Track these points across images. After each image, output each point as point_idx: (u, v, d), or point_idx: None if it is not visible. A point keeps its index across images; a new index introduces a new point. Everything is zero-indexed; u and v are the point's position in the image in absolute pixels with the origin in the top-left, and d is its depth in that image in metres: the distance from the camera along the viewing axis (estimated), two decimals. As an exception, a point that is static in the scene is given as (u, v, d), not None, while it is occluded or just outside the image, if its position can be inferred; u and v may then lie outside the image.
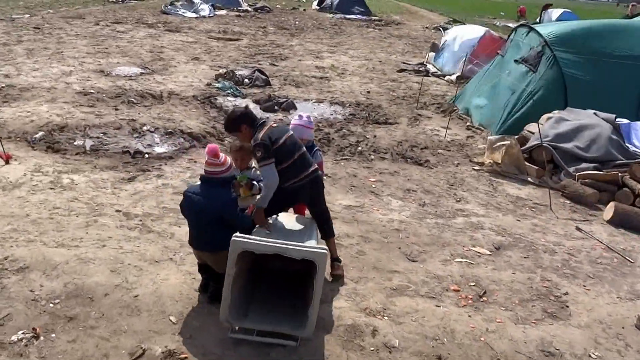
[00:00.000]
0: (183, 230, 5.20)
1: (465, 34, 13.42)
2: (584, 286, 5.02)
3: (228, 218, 3.98)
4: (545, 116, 8.41)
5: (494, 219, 6.33)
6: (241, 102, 9.64)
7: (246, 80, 10.75)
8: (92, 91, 9.18)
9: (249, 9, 22.34)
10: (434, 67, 13.73)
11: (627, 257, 5.70)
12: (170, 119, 8.34)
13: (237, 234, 3.80)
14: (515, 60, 9.47)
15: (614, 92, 8.81)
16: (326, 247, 3.84)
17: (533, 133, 8.24)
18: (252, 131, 4.29)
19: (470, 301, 4.63)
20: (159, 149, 7.20)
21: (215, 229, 4.01)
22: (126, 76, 10.30)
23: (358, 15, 22.65)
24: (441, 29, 21.36)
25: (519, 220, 6.37)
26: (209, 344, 3.77)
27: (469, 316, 4.41)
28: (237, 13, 21.10)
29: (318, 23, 20.36)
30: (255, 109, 9.36)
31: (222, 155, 4.06)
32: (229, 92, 9.97)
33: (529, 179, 7.69)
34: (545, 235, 6.06)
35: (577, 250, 5.74)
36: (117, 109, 8.50)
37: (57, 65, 10.61)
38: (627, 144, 7.85)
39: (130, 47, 12.88)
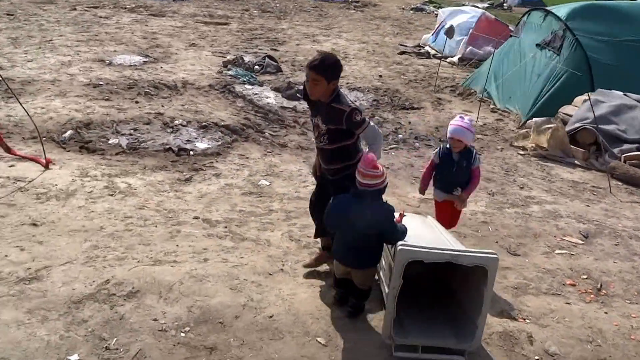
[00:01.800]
0: (275, 236, 4.74)
1: (461, 16, 13.24)
2: (685, 272, 4.95)
3: (389, 231, 3.51)
4: (579, 98, 8.34)
5: (565, 205, 6.16)
6: (261, 91, 9.05)
7: (256, 66, 10.11)
8: (101, 83, 8.32)
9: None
10: (432, 49, 13.48)
11: (703, 238, 5.70)
12: (197, 111, 7.67)
13: (403, 242, 3.39)
14: (537, 45, 9.35)
15: (634, 74, 8.88)
16: (495, 252, 3.47)
17: (570, 115, 8.16)
18: (332, 91, 3.71)
19: (593, 296, 4.43)
20: (200, 145, 6.57)
21: (371, 245, 3.59)
22: (130, 66, 9.42)
23: (336, -4, 22.17)
24: (424, 9, 21.30)
25: (588, 206, 6.24)
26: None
27: (605, 313, 4.20)
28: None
29: (299, 6, 19.61)
30: (278, 98, 8.82)
31: (380, 167, 3.56)
32: (245, 79, 9.33)
33: (576, 161, 7.60)
34: (619, 220, 5.95)
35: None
36: (137, 102, 7.73)
37: (52, 55, 9.57)
38: (663, 124, 7.91)
39: (121, 33, 11.86)
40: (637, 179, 7.02)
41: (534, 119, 7.96)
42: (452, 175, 4.39)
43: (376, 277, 3.99)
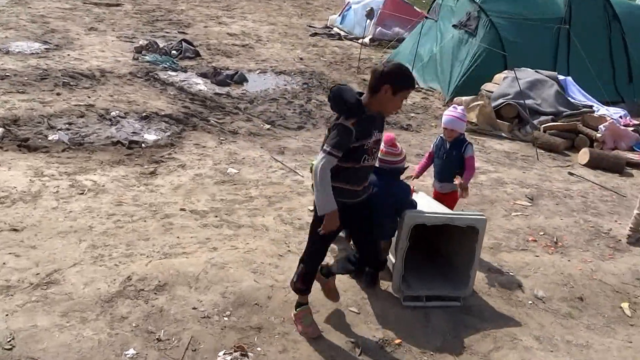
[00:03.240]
0: (268, 221, 5.13)
1: (368, -3, 14.10)
2: (616, 221, 6.07)
3: (408, 206, 4.05)
4: (498, 76, 9.48)
5: (506, 173, 7.15)
6: (188, 77, 9.11)
7: (174, 51, 10.06)
8: (8, 74, 7.87)
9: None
10: (342, 30, 14.19)
11: (620, 194, 6.97)
12: (130, 101, 7.62)
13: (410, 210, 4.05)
14: (454, 25, 10.38)
15: (535, 50, 10.25)
16: (482, 214, 4.17)
17: (491, 92, 9.27)
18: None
19: (553, 248, 5.35)
20: (149, 137, 6.61)
21: (391, 219, 4.09)
22: (33, 54, 8.93)
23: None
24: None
25: (524, 173, 7.28)
26: (401, 324, 3.92)
27: (568, 261, 5.13)
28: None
29: (190, -17, 19.30)
30: (207, 84, 8.94)
31: (398, 145, 4.10)
32: (166, 65, 9.29)
33: (502, 134, 8.71)
34: (552, 183, 7.05)
35: (584, 192, 6.82)
36: (58, 94, 7.49)
37: None
38: (569, 97, 9.30)
39: (4, 17, 11.03)
40: (556, 146, 8.26)
41: (463, 97, 8.95)
42: (444, 164, 4.86)
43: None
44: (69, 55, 9.30)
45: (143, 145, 6.40)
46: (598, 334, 4.11)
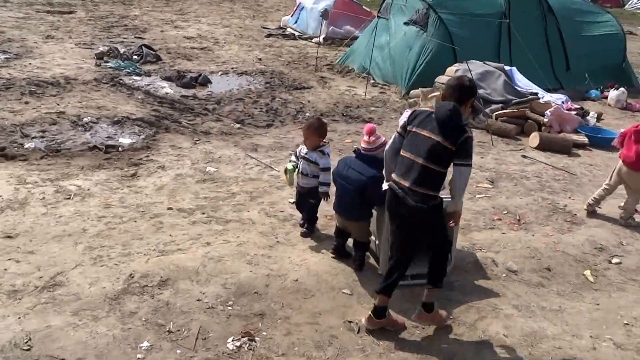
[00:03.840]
0: (253, 215, 5.25)
1: (319, -3, 14.28)
2: (570, 198, 6.48)
3: (369, 193, 4.26)
4: (451, 69, 9.82)
5: (466, 159, 7.47)
6: (152, 81, 9.04)
7: (135, 57, 9.93)
8: (-30, 84, 7.63)
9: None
10: (295, 30, 14.30)
11: (571, 172, 7.41)
12: (99, 106, 7.53)
13: None
14: (406, 23, 10.67)
15: (481, 44, 10.69)
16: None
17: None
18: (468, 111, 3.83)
19: (517, 225, 5.69)
20: (124, 140, 6.57)
21: (360, 200, 4.31)
22: (-8, 63, 8.66)
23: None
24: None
25: (482, 157, 7.62)
26: (391, 303, 4.07)
27: (532, 235, 5.46)
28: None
29: (139, -10, 18.97)
30: (172, 87, 8.90)
31: (376, 134, 4.32)
32: (129, 70, 9.17)
33: (458, 123, 9.07)
34: (508, 165, 7.42)
35: (538, 173, 7.22)
36: (26, 102, 7.34)
37: None
38: (516, 86, 9.76)
39: (-45, 27, 10.61)
40: (508, 131, 8.67)
41: (420, 89, 9.25)
42: None
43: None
44: (30, 64, 9.08)
45: (120, 149, 6.36)
46: (568, 299, 4.43)
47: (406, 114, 4.08)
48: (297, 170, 4.82)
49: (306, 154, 4.82)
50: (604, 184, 6.02)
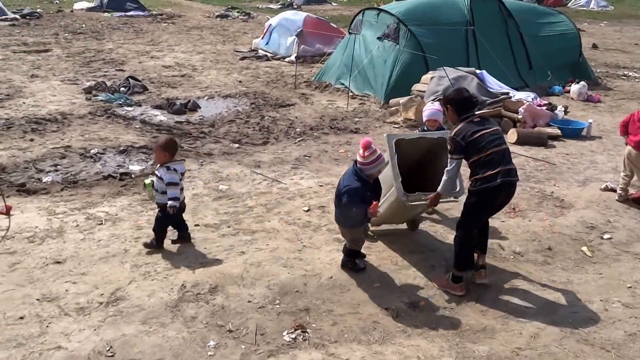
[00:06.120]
0: (274, 225, 5.61)
1: (289, 18, 14.78)
2: (555, 185, 7.07)
3: (340, 202, 4.56)
4: (425, 77, 10.42)
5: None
6: (145, 110, 9.34)
7: (122, 88, 10.19)
8: (-30, 126, 7.77)
9: (17, 16, 19.39)
10: (267, 51, 14.77)
11: (551, 162, 8.04)
12: (102, 138, 7.79)
13: (388, 133, 5.05)
14: (379, 38, 11.26)
15: (450, 51, 11.36)
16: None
17: (422, 91, 10.20)
18: (456, 117, 4.59)
19: (513, 214, 6.21)
20: (134, 167, 6.86)
21: (339, 207, 4.63)
22: (-15, 104, 8.80)
23: (137, 12, 21.72)
24: (228, 15, 22.48)
25: (468, 156, 8.19)
26: (420, 290, 4.55)
27: (529, 221, 5.99)
28: (8, 23, 18.15)
29: (107, 24, 19.10)
30: (164, 114, 9.20)
31: (371, 149, 4.47)
32: (120, 102, 9.44)
33: (439, 126, 9.64)
34: (493, 162, 8.00)
35: (521, 165, 7.77)
36: (32, 140, 7.56)
37: None
38: (488, 88, 10.42)
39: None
40: (487, 131, 9.29)
41: (399, 99, 9.80)
42: None
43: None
44: (24, 102, 9.29)
45: (132, 175, 6.66)
46: (573, 273, 4.95)
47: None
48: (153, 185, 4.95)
49: (157, 170, 4.99)
50: (622, 174, 6.55)
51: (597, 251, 5.38)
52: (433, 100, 9.77)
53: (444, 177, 4.62)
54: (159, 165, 4.96)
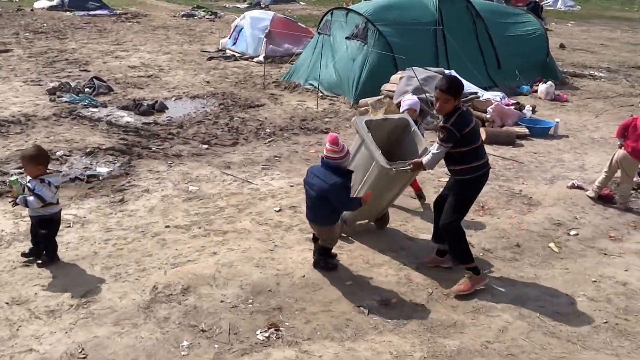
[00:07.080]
0: (246, 225, 5.70)
1: (256, 18, 14.85)
2: (523, 183, 7.33)
3: (333, 200, 4.64)
4: (395, 77, 10.63)
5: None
6: (111, 111, 9.30)
7: (87, 89, 10.11)
8: None
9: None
10: (234, 51, 14.81)
11: (519, 161, 8.32)
12: (68, 140, 7.75)
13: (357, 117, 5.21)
14: (347, 37, 11.44)
15: (419, 51, 11.61)
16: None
17: (392, 91, 10.40)
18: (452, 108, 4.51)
19: (482, 212, 6.43)
20: (102, 169, 6.85)
21: (322, 207, 4.70)
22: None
23: (101, 11, 21.43)
24: (194, 14, 22.42)
25: (438, 156, 8.41)
26: (391, 287, 4.70)
27: (498, 219, 6.22)
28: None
29: (69, 24, 18.81)
30: (131, 115, 9.18)
31: (341, 144, 4.65)
32: (85, 103, 9.37)
33: (409, 126, 9.85)
34: (462, 161, 8.24)
35: (491, 164, 7.80)
36: (-8, 142, 7.42)
37: None
38: (456, 87, 10.68)
39: None
40: (456, 131, 9.54)
41: (368, 99, 9.99)
42: None
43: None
44: (-19, 104, 9.11)
45: (100, 177, 6.66)
46: (540, 269, 5.18)
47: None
48: (22, 185, 4.67)
49: (29, 182, 4.66)
50: (603, 173, 6.79)
51: (564, 247, 5.62)
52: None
53: (430, 155, 4.73)
54: (30, 178, 4.63)
